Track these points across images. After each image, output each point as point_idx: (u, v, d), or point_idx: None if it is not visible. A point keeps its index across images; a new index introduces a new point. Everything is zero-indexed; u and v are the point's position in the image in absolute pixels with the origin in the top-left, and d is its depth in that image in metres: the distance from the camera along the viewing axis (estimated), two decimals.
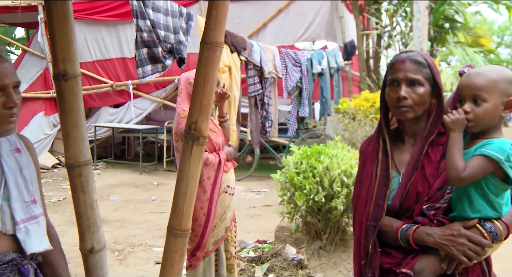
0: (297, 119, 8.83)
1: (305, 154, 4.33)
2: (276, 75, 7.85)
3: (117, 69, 9.95)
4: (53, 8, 1.63)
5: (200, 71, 1.56)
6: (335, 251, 4.33)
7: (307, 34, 10.19)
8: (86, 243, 1.69)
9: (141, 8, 4.69)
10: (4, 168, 1.63)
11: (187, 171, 1.55)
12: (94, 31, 9.81)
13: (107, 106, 10.17)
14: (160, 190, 7.96)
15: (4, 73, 1.55)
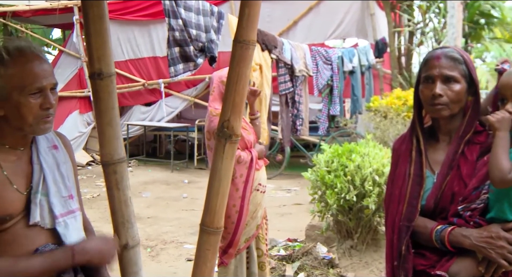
0: (328, 118, 8.77)
1: (336, 153, 4.30)
2: (307, 73, 7.82)
3: (149, 68, 10.07)
4: (89, 9, 1.67)
5: (233, 70, 1.57)
6: (366, 250, 4.29)
7: (338, 32, 10.11)
8: (121, 239, 1.73)
9: (173, 7, 4.74)
10: (43, 165, 1.67)
11: (220, 169, 1.57)
12: (127, 31, 9.95)
13: (139, 105, 10.30)
14: (191, 188, 8.03)
15: (43, 75, 1.58)
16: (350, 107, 9.47)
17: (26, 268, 1.52)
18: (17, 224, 1.58)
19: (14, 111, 1.56)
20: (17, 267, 1.50)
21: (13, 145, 1.62)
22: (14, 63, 1.54)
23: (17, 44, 1.58)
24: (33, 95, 1.56)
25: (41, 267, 1.54)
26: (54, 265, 1.57)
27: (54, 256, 1.58)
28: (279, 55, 6.53)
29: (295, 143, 8.97)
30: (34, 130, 1.61)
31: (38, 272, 1.53)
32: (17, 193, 1.59)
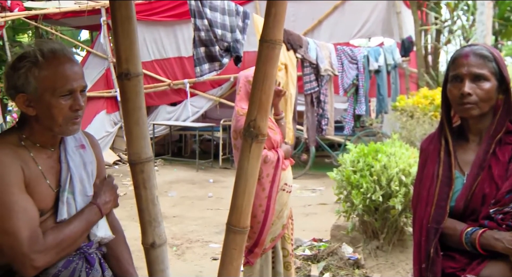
0: (353, 117, 8.70)
1: (362, 152, 4.26)
2: (332, 73, 7.78)
3: (174, 68, 10.15)
4: (117, 10, 1.69)
5: (259, 69, 1.56)
6: (392, 251, 4.24)
7: (363, 31, 10.01)
8: (148, 238, 1.74)
9: (198, 7, 4.77)
10: (70, 164, 1.71)
11: (246, 169, 1.56)
12: (153, 32, 10.05)
13: (165, 105, 10.39)
14: (216, 187, 8.06)
15: (74, 78, 1.62)
16: (376, 106, 9.38)
17: (72, 231, 1.61)
18: (47, 220, 1.61)
19: (45, 111, 1.60)
20: (64, 233, 1.58)
21: (44, 144, 1.66)
22: (48, 65, 1.58)
23: (51, 46, 1.61)
24: (63, 96, 1.59)
25: (82, 228, 1.64)
26: (90, 223, 1.69)
27: (87, 216, 1.68)
28: (304, 55, 6.51)
29: (320, 142, 8.93)
30: (63, 131, 1.64)
31: (80, 233, 1.64)
32: (49, 189, 1.63)
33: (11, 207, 1.50)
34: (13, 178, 1.53)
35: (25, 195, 1.55)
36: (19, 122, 1.68)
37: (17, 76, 1.58)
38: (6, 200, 1.50)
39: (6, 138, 1.63)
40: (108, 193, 1.79)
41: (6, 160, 1.54)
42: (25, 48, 1.62)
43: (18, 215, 1.50)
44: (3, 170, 1.52)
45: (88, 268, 1.67)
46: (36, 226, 1.53)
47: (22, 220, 1.50)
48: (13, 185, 1.52)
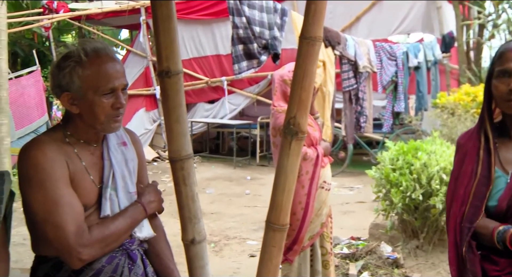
0: (392, 114, 8.58)
1: (401, 150, 4.20)
2: (370, 70, 7.68)
3: (212, 66, 10.22)
4: (158, 9, 1.71)
5: (299, 66, 1.55)
6: (433, 251, 4.16)
7: (402, 27, 9.83)
8: (188, 234, 1.76)
9: (237, 5, 4.78)
10: (112, 160, 1.74)
11: (286, 166, 1.56)
12: (191, 30, 10.15)
13: (202, 102, 10.48)
14: (253, 184, 8.08)
15: (116, 76, 1.64)
16: (415, 103, 9.22)
17: (117, 228, 1.64)
18: (91, 216, 1.65)
19: (88, 109, 1.63)
20: (110, 229, 1.62)
21: (87, 141, 1.70)
22: (91, 65, 1.61)
23: (94, 45, 1.64)
24: (106, 95, 1.62)
25: (126, 225, 1.68)
26: (135, 221, 1.72)
27: (132, 213, 1.71)
28: (342, 52, 6.45)
29: (358, 140, 8.83)
30: (105, 128, 1.67)
31: (125, 230, 1.67)
32: (93, 185, 1.67)
33: (58, 202, 1.54)
34: (59, 173, 1.57)
35: (71, 190, 1.59)
36: (63, 120, 1.72)
37: (62, 75, 1.62)
38: (54, 194, 1.54)
39: (52, 134, 1.67)
40: (152, 194, 1.82)
41: (53, 156, 1.58)
42: (69, 48, 1.65)
43: (64, 209, 1.54)
44: (51, 166, 1.56)
45: (131, 264, 1.70)
46: (81, 220, 1.57)
47: (69, 214, 1.54)
48: (60, 180, 1.56)
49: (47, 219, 1.54)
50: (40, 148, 1.58)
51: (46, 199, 1.54)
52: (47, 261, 1.64)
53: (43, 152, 1.57)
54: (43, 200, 1.54)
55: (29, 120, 8.71)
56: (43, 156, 1.56)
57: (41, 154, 1.56)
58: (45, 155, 1.57)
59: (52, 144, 1.61)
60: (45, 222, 1.54)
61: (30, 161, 1.57)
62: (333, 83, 6.02)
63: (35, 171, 1.56)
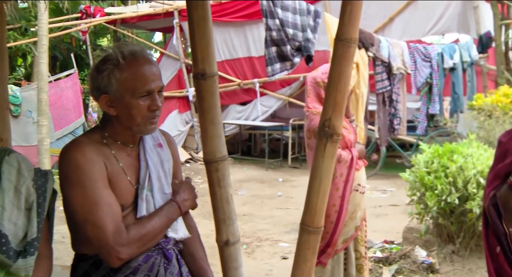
0: (427, 116, 8.44)
1: (436, 153, 4.12)
2: (404, 71, 7.57)
3: (244, 68, 10.26)
4: (193, 11, 1.73)
5: (334, 68, 1.55)
6: (470, 257, 4.07)
7: (437, 27, 9.65)
8: (222, 236, 1.77)
9: (270, 7, 4.80)
10: (148, 162, 1.76)
11: (321, 168, 1.56)
12: (223, 32, 10.21)
13: (235, 104, 10.53)
14: (285, 186, 8.07)
15: (152, 78, 1.66)
16: (450, 105, 9.04)
17: (153, 227, 1.66)
18: (127, 216, 1.68)
19: (125, 111, 1.65)
20: (146, 228, 1.64)
21: (124, 142, 1.73)
22: (128, 67, 1.63)
23: (132, 49, 1.67)
24: (142, 97, 1.64)
25: (162, 224, 1.69)
26: (170, 219, 1.73)
27: (167, 212, 1.72)
28: (376, 53, 6.38)
29: (391, 142, 8.72)
30: (141, 130, 1.70)
31: (161, 229, 1.69)
32: (129, 185, 1.70)
33: (97, 202, 1.58)
34: (98, 174, 1.61)
35: (109, 190, 1.62)
36: (101, 122, 1.75)
37: (100, 78, 1.65)
38: (93, 195, 1.58)
39: (90, 136, 1.71)
40: (187, 191, 1.82)
41: (92, 157, 1.61)
42: (107, 51, 1.68)
43: (103, 209, 1.58)
44: (90, 167, 1.60)
45: (166, 264, 1.72)
46: (119, 220, 1.60)
47: (107, 214, 1.58)
48: (98, 181, 1.60)
49: (87, 219, 1.58)
50: (80, 149, 1.62)
51: (86, 199, 1.58)
52: (86, 259, 1.67)
53: (82, 153, 1.61)
54: (83, 200, 1.58)
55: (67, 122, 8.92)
56: (82, 157, 1.60)
57: (81, 155, 1.60)
58: (84, 156, 1.60)
59: (91, 146, 1.64)
60: (85, 221, 1.58)
61: (70, 162, 1.61)
62: (366, 85, 5.96)
63: (74, 172, 1.59)
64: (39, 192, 1.54)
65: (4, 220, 1.43)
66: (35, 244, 1.47)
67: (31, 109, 8.29)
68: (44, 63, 7.14)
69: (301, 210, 1.64)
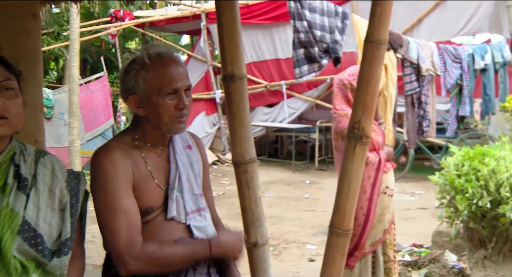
0: (457, 118, 8.30)
1: (467, 156, 4.04)
2: (434, 73, 7.47)
3: (271, 70, 10.26)
4: (222, 13, 1.74)
5: (364, 70, 1.54)
6: (503, 262, 3.97)
7: (468, 27, 9.47)
8: (251, 237, 1.78)
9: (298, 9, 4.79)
10: (178, 163, 1.78)
11: (350, 171, 1.55)
12: (250, 35, 10.23)
13: (261, 106, 10.55)
14: (312, 189, 8.04)
15: (178, 77, 1.68)
16: (482, 107, 8.87)
17: (172, 253, 1.64)
18: (157, 217, 1.70)
19: (153, 111, 1.67)
20: (164, 251, 1.62)
21: (154, 144, 1.75)
22: (154, 67, 1.66)
23: (158, 50, 1.70)
24: (169, 95, 1.66)
25: (184, 255, 1.65)
26: (194, 255, 1.67)
27: (194, 246, 1.68)
28: (405, 54, 6.31)
29: (420, 145, 8.60)
30: (170, 130, 1.71)
31: (180, 259, 1.64)
32: (157, 188, 1.72)
33: (115, 209, 1.61)
34: (122, 181, 1.63)
35: (131, 199, 1.64)
36: (132, 123, 1.78)
37: (128, 79, 1.68)
38: (113, 202, 1.61)
39: (121, 139, 1.74)
40: (229, 240, 1.74)
41: (119, 164, 1.64)
42: (135, 53, 1.72)
43: (120, 217, 1.60)
44: (115, 174, 1.63)
45: (196, 264, 1.73)
46: (134, 232, 1.61)
47: (123, 223, 1.60)
48: (121, 189, 1.62)
49: (104, 224, 1.62)
50: (108, 155, 1.64)
51: (106, 205, 1.62)
52: None
53: (109, 159, 1.63)
54: (103, 205, 1.62)
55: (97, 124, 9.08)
56: (109, 163, 1.63)
57: (108, 161, 1.63)
58: (111, 162, 1.63)
59: (120, 152, 1.66)
60: (102, 226, 1.63)
61: (97, 166, 1.64)
62: (395, 86, 5.90)
63: (100, 177, 1.63)
64: (72, 193, 1.57)
65: (40, 220, 1.47)
66: (68, 244, 1.50)
67: (62, 111, 8.48)
68: (75, 66, 7.30)
69: (328, 212, 1.63)
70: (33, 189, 1.49)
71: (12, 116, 1.43)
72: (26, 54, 2.70)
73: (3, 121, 1.41)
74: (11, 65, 1.49)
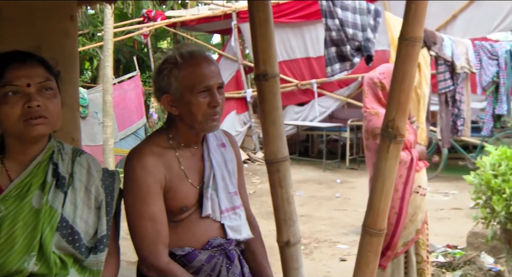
0: (493, 117, 8.11)
1: (504, 155, 3.94)
2: (469, 70, 7.30)
3: (302, 68, 10.23)
4: (255, 12, 1.74)
5: (398, 68, 1.52)
6: None
7: (505, 23, 9.22)
8: (283, 236, 1.77)
9: (330, 7, 4.76)
10: (213, 161, 1.79)
11: (384, 170, 1.53)
12: (281, 33, 10.21)
13: (292, 105, 10.52)
14: (343, 188, 7.99)
15: (210, 75, 1.69)
16: None
17: None
18: (192, 215, 1.72)
19: (186, 109, 1.68)
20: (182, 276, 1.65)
21: (188, 143, 1.77)
22: (186, 66, 1.67)
23: (190, 48, 1.71)
24: (201, 93, 1.67)
25: None
26: None
27: None
28: (438, 52, 6.19)
29: (453, 144, 8.44)
30: (203, 128, 1.72)
31: None
32: (192, 187, 1.73)
33: (143, 215, 1.64)
34: (152, 187, 1.65)
35: (158, 207, 1.66)
36: (166, 123, 1.80)
37: (161, 78, 1.70)
38: (140, 207, 1.65)
39: (155, 139, 1.75)
40: None
41: (151, 169, 1.66)
42: (167, 52, 1.73)
43: (147, 224, 1.64)
44: (145, 179, 1.65)
45: (229, 264, 1.74)
46: (160, 241, 1.65)
47: (149, 230, 1.64)
48: (149, 196, 1.65)
49: (132, 227, 1.67)
50: (140, 160, 1.66)
51: (134, 209, 1.66)
52: None
53: (141, 164, 1.65)
54: (132, 209, 1.66)
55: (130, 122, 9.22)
56: (140, 169, 1.65)
57: (140, 167, 1.65)
58: (142, 168, 1.65)
59: (152, 157, 1.68)
60: (130, 228, 1.67)
61: (129, 170, 1.67)
62: (428, 84, 5.80)
63: (131, 181, 1.66)
64: (107, 191, 1.60)
65: (77, 218, 1.50)
66: (104, 241, 1.54)
67: (97, 110, 8.64)
68: (109, 66, 7.43)
69: (359, 211, 1.62)
70: (70, 188, 1.52)
71: (52, 115, 1.47)
72: (64, 55, 2.75)
73: (43, 120, 1.45)
74: (51, 66, 1.53)
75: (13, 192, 1.45)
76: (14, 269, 1.40)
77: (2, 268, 1.39)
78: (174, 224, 1.71)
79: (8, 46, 1.51)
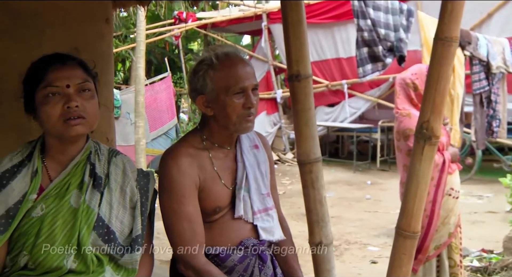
0: None
1: None
2: (505, 70, 7.13)
3: (332, 69, 10.17)
4: (288, 13, 1.75)
5: (433, 68, 1.51)
6: None
7: None
8: (315, 237, 1.77)
9: (362, 8, 4.72)
10: (245, 163, 1.80)
11: (418, 171, 1.52)
12: (311, 34, 10.18)
13: (322, 106, 10.47)
14: (374, 189, 7.90)
15: (245, 77, 1.69)
16: None
17: None
18: (225, 216, 1.73)
19: (221, 110, 1.69)
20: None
21: (221, 144, 1.78)
22: (222, 67, 1.68)
23: (225, 50, 1.72)
24: (236, 94, 1.67)
25: None
26: None
27: None
28: (473, 52, 6.07)
29: (488, 146, 8.24)
30: (237, 129, 1.72)
31: None
32: (224, 188, 1.74)
33: (179, 215, 1.67)
34: (187, 188, 1.68)
35: (194, 206, 1.69)
36: (200, 124, 1.81)
37: (196, 79, 1.71)
38: (177, 207, 1.67)
39: (189, 139, 1.77)
40: None
41: (186, 170, 1.68)
42: (203, 53, 1.75)
43: (184, 224, 1.67)
44: (181, 180, 1.67)
45: (261, 265, 1.75)
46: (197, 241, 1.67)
47: (186, 229, 1.66)
48: (185, 196, 1.67)
49: (169, 226, 1.69)
50: (175, 160, 1.68)
51: (170, 209, 1.68)
52: None
53: (176, 165, 1.67)
54: (168, 209, 1.68)
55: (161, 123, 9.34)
56: (176, 169, 1.67)
57: (175, 167, 1.67)
58: (178, 169, 1.67)
59: (187, 157, 1.70)
60: (167, 227, 1.70)
61: (165, 170, 1.69)
62: (462, 85, 5.69)
63: (167, 181, 1.68)
64: (142, 192, 1.63)
65: (112, 217, 1.54)
66: (139, 240, 1.56)
67: (129, 111, 8.78)
68: (141, 67, 7.54)
69: (390, 213, 1.61)
70: (106, 188, 1.56)
71: (89, 116, 1.50)
72: (100, 56, 2.81)
73: (81, 121, 1.48)
74: (89, 68, 1.57)
75: (53, 191, 1.49)
76: (54, 266, 1.44)
77: (43, 265, 1.43)
78: (208, 224, 1.73)
79: (48, 50, 1.56)
